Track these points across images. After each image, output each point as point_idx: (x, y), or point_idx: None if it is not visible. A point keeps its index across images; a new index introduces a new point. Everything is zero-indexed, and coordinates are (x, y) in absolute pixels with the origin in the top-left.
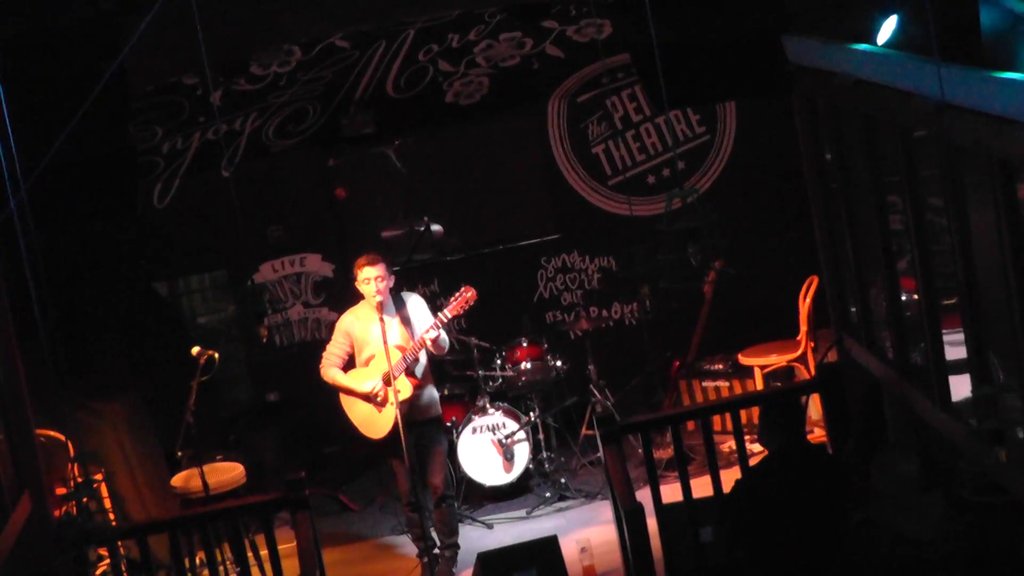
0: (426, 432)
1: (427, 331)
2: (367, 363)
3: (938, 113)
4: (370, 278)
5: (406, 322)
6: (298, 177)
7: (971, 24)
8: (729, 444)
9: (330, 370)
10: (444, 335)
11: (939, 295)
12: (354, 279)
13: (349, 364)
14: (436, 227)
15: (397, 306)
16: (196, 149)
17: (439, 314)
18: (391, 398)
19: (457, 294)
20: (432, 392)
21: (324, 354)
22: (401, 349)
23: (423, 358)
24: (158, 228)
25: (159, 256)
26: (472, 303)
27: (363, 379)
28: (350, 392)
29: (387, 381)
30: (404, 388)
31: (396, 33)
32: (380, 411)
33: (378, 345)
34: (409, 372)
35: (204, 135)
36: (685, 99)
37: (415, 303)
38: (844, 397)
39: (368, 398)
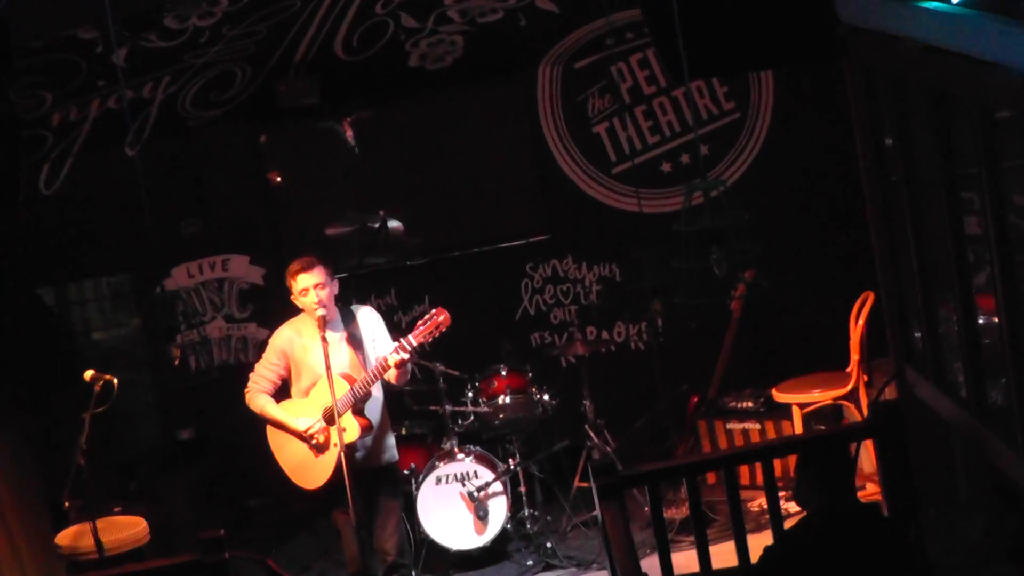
0: (376, 483)
1: (391, 353)
2: (306, 393)
3: None
4: (308, 287)
5: (356, 344)
6: (222, 158)
7: None
8: (759, 502)
9: (258, 397)
10: (408, 364)
11: None
12: (289, 292)
13: (284, 391)
14: (394, 223)
15: (345, 322)
16: (94, 121)
17: (403, 340)
18: (334, 439)
19: (426, 317)
20: (387, 436)
21: (252, 375)
22: (349, 379)
23: (378, 393)
24: (45, 219)
25: (45, 255)
26: (444, 329)
27: (299, 413)
28: (281, 428)
29: (329, 419)
30: (350, 429)
31: None
32: (317, 456)
33: (322, 371)
34: (357, 410)
35: (105, 103)
36: (710, 67)
37: (368, 319)
38: (906, 445)
39: (303, 438)
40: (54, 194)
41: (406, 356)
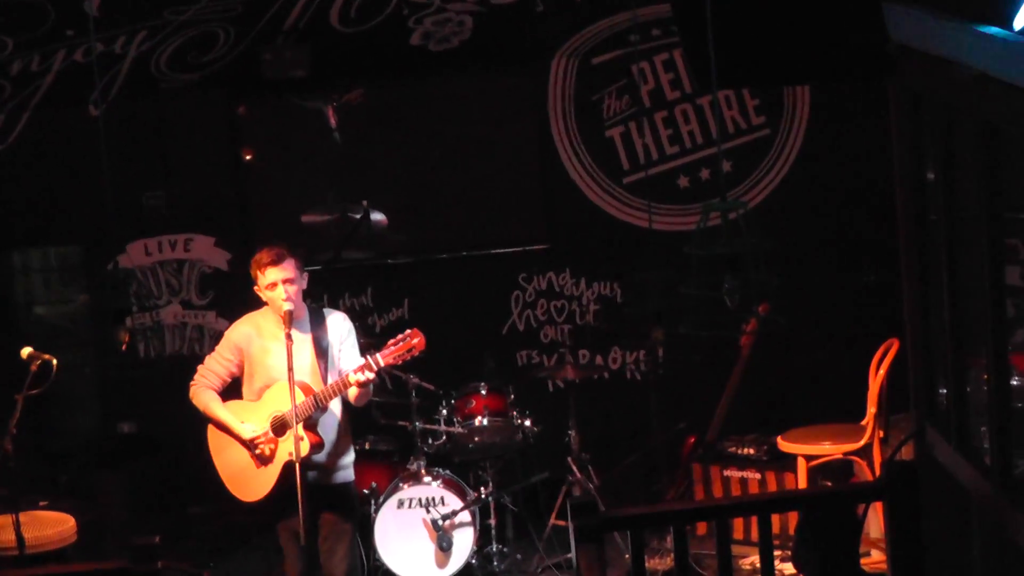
0: (324, 503)
1: (355, 371)
2: (259, 395)
3: None
4: (276, 282)
5: (320, 351)
6: (194, 128)
7: None
8: (752, 560)
9: (203, 393)
10: (371, 386)
11: None
12: (253, 282)
13: (233, 389)
14: (378, 216)
15: (312, 324)
16: (58, 73)
17: (369, 358)
18: (279, 452)
19: (399, 337)
20: (343, 456)
21: (200, 368)
22: (305, 389)
23: (335, 408)
24: None
25: None
26: (417, 354)
27: (246, 417)
28: (225, 430)
29: (278, 429)
30: (299, 444)
31: None
32: (259, 467)
33: (279, 374)
34: (309, 425)
35: (71, 55)
36: (741, 76)
37: (338, 326)
38: (919, 511)
39: (247, 446)
40: (6, 149)
41: (371, 376)
